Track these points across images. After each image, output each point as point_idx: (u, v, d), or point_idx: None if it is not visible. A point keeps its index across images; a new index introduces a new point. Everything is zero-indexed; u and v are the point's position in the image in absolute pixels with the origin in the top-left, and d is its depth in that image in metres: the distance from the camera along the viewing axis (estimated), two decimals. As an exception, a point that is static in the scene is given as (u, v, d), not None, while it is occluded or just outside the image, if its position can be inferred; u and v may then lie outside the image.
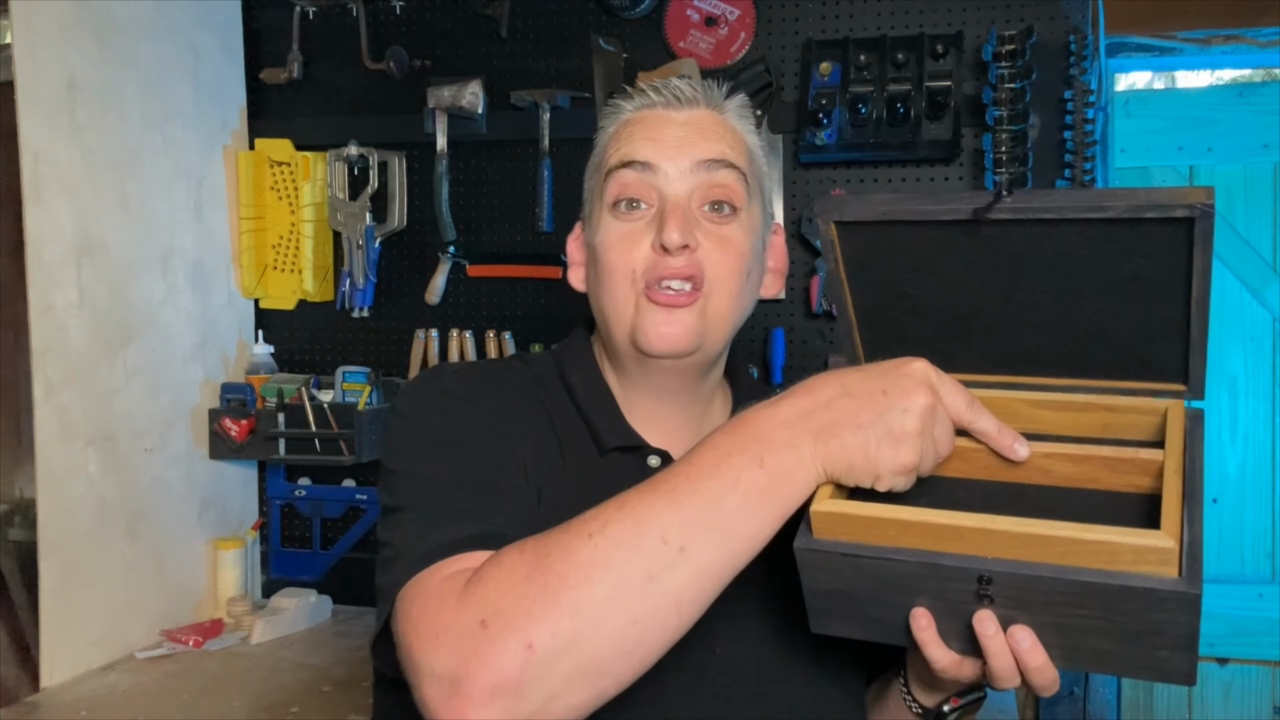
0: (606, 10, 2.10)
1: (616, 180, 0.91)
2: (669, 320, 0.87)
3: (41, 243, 1.72)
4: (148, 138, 1.96)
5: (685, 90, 0.93)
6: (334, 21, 2.23)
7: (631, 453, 0.93)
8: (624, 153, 0.91)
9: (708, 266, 0.89)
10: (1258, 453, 2.13)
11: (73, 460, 1.77)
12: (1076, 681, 2.00)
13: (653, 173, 0.90)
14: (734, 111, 0.95)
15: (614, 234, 0.91)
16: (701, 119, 0.92)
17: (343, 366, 2.15)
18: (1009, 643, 0.69)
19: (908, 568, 0.71)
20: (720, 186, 0.90)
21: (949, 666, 0.73)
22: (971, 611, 0.71)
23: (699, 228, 0.89)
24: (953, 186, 1.97)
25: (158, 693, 1.71)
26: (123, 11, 1.88)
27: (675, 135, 0.91)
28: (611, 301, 0.91)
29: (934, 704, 0.88)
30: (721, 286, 0.89)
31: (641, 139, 0.91)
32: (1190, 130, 2.13)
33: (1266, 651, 2.10)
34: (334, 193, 2.19)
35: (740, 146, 0.93)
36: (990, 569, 0.69)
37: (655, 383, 0.93)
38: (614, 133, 0.95)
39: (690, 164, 0.90)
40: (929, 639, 0.72)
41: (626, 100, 0.96)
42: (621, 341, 0.91)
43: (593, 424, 0.93)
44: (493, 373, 0.96)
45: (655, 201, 0.90)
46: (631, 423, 0.94)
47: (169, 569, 2.00)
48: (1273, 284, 2.11)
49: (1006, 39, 1.88)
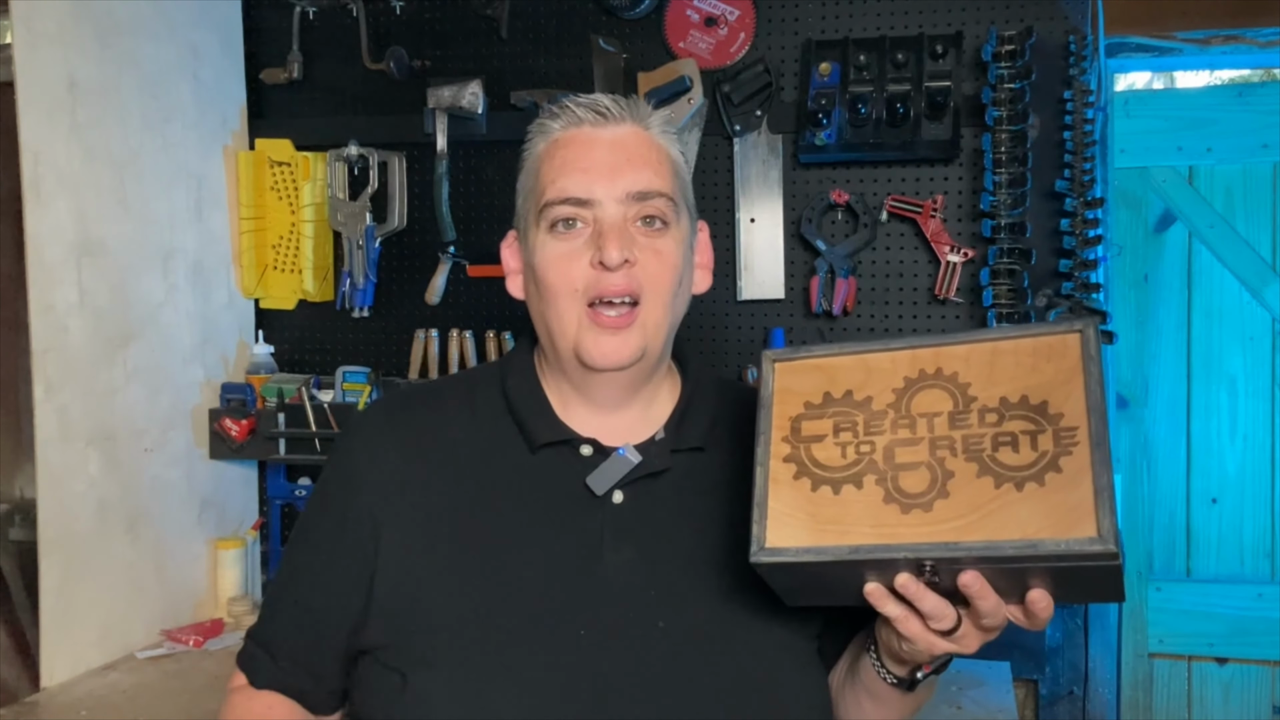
0: (606, 10, 2.10)
1: (552, 214, 0.96)
2: (610, 341, 0.93)
3: (41, 243, 1.72)
4: (148, 138, 1.96)
5: (610, 107, 0.97)
6: (334, 21, 2.23)
7: (563, 446, 0.98)
8: (559, 188, 0.95)
9: (645, 280, 0.94)
10: (1258, 453, 2.13)
11: (73, 460, 1.77)
12: (1076, 681, 2.01)
13: (587, 206, 0.95)
14: (658, 126, 0.99)
15: (552, 253, 0.95)
16: (627, 138, 0.96)
17: (343, 366, 2.15)
18: (964, 593, 0.79)
19: (853, 567, 0.80)
20: (652, 208, 0.95)
21: (899, 616, 0.83)
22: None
23: (634, 243, 0.94)
24: (953, 186, 1.97)
25: (158, 693, 1.71)
26: (123, 11, 1.88)
27: (604, 160, 0.95)
28: (556, 318, 0.96)
29: (906, 673, 0.94)
30: (658, 298, 0.95)
31: (574, 171, 0.95)
32: (1190, 130, 2.13)
33: (1266, 651, 2.10)
34: (334, 193, 2.19)
35: (665, 166, 0.97)
36: (926, 555, 0.77)
37: (598, 391, 0.99)
38: (544, 154, 0.98)
39: (622, 194, 0.94)
40: (880, 600, 0.83)
41: (552, 119, 0.99)
42: (565, 354, 0.96)
43: (524, 425, 0.99)
44: (409, 418, 1.03)
45: (590, 221, 0.95)
46: (572, 418, 1.00)
47: (169, 569, 2.00)
48: (1273, 284, 2.11)
49: (1006, 39, 1.88)
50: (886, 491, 0.81)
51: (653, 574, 0.94)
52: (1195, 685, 2.16)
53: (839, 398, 0.88)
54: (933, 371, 0.85)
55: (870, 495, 0.82)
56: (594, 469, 0.96)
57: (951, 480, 0.80)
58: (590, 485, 0.95)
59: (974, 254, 1.94)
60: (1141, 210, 2.17)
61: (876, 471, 0.83)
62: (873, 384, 0.87)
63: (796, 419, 0.88)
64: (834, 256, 1.99)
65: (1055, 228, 1.88)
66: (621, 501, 0.96)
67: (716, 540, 0.96)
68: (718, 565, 0.95)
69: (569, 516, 0.95)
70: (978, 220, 1.93)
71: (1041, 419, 0.80)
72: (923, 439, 0.83)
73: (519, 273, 1.05)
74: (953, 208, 1.98)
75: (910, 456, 0.82)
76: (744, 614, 0.94)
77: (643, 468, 0.96)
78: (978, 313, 1.94)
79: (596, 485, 0.95)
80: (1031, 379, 0.82)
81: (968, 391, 0.83)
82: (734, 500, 0.86)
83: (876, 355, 0.88)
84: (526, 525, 0.95)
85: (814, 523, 0.82)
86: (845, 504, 0.82)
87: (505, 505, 0.96)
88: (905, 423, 0.84)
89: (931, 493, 0.80)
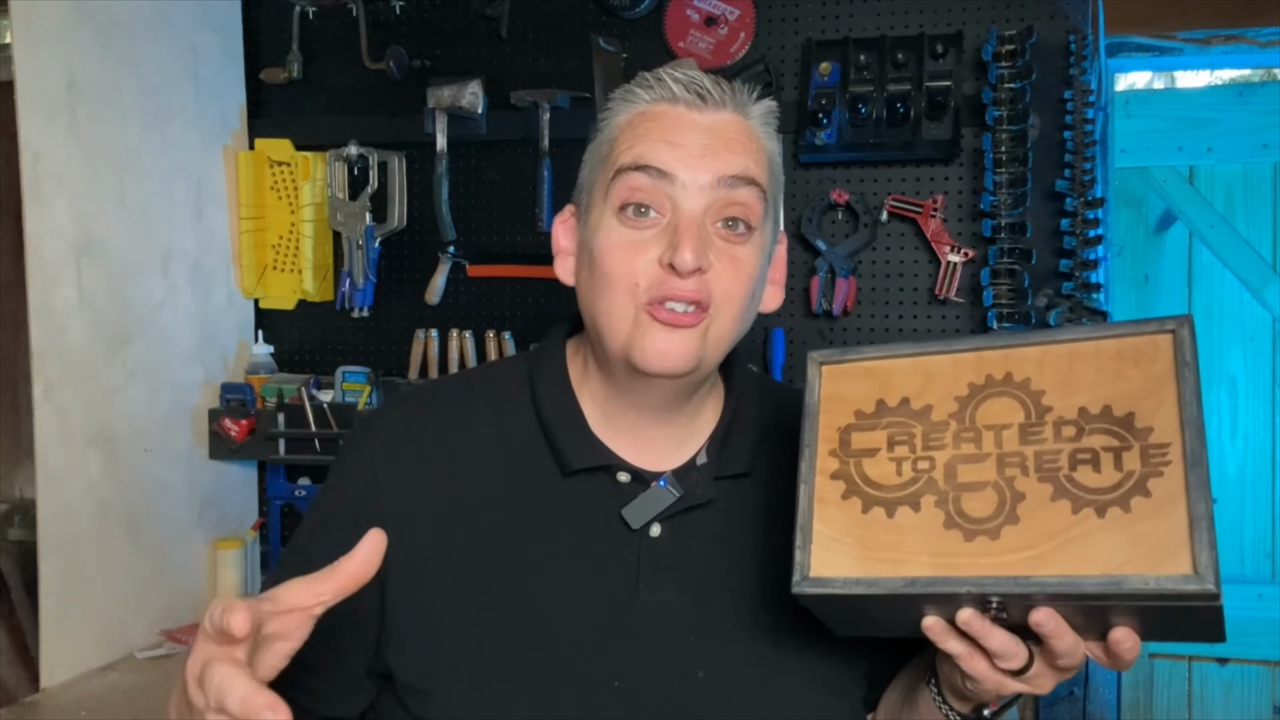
0: (606, 10, 2.10)
1: (627, 182, 0.83)
2: (669, 340, 0.82)
3: (41, 243, 1.72)
4: (148, 137, 1.95)
5: (711, 89, 0.85)
6: (334, 21, 2.23)
7: (600, 472, 0.89)
8: (638, 153, 0.83)
9: (716, 289, 0.83)
10: (1258, 453, 2.14)
11: (73, 460, 1.77)
12: (1077, 682, 2.00)
13: (669, 182, 0.82)
14: (759, 118, 0.88)
15: (617, 239, 0.84)
16: (726, 124, 0.85)
17: (343, 366, 2.15)
18: (1036, 632, 0.70)
19: (910, 600, 0.72)
20: (739, 205, 0.84)
21: (963, 654, 0.74)
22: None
23: (711, 247, 0.83)
24: (953, 186, 1.97)
25: (158, 693, 1.71)
26: (123, 11, 1.88)
27: (698, 142, 0.83)
28: (607, 312, 0.84)
29: (971, 710, 0.85)
30: (728, 309, 0.84)
31: (660, 141, 0.83)
32: (1190, 130, 2.13)
33: (1266, 651, 2.10)
34: (334, 193, 2.19)
35: (763, 159, 0.87)
36: (992, 590, 0.69)
37: (642, 398, 0.89)
38: (627, 124, 0.86)
39: (712, 178, 0.83)
40: (941, 636, 0.74)
41: (643, 88, 0.86)
42: (614, 354, 0.85)
43: (556, 445, 0.89)
44: (430, 423, 0.91)
45: (667, 211, 0.83)
46: (608, 433, 0.90)
47: (169, 569, 2.00)
48: (1273, 284, 2.12)
49: (1006, 39, 1.88)
50: (948, 515, 0.73)
51: (693, 616, 0.86)
52: (1195, 685, 2.16)
53: (894, 406, 0.78)
54: (1001, 377, 0.75)
55: (929, 519, 0.73)
56: (631, 498, 0.87)
57: (1022, 503, 0.71)
58: (626, 518, 0.87)
59: (974, 254, 1.94)
60: (1142, 210, 2.17)
61: (936, 492, 0.74)
62: (933, 391, 0.77)
63: (846, 430, 0.78)
64: (834, 256, 1.99)
65: (1056, 228, 1.88)
66: (659, 535, 0.87)
67: (761, 575, 0.87)
68: (762, 603, 0.87)
69: (602, 550, 0.87)
70: (978, 220, 1.93)
71: (1127, 434, 0.70)
72: (989, 455, 0.73)
73: (570, 254, 0.92)
74: (953, 208, 1.98)
75: (975, 475, 0.73)
76: (790, 658, 0.86)
77: (684, 500, 0.87)
78: (978, 313, 1.93)
79: (633, 519, 0.87)
80: (1115, 387, 0.72)
81: (1041, 400, 0.74)
82: (781, 530, 0.77)
83: (937, 358, 0.78)
84: (555, 557, 0.86)
85: (865, 549, 0.73)
86: (901, 529, 0.73)
87: (533, 533, 0.87)
88: (969, 436, 0.75)
89: (999, 517, 0.71)
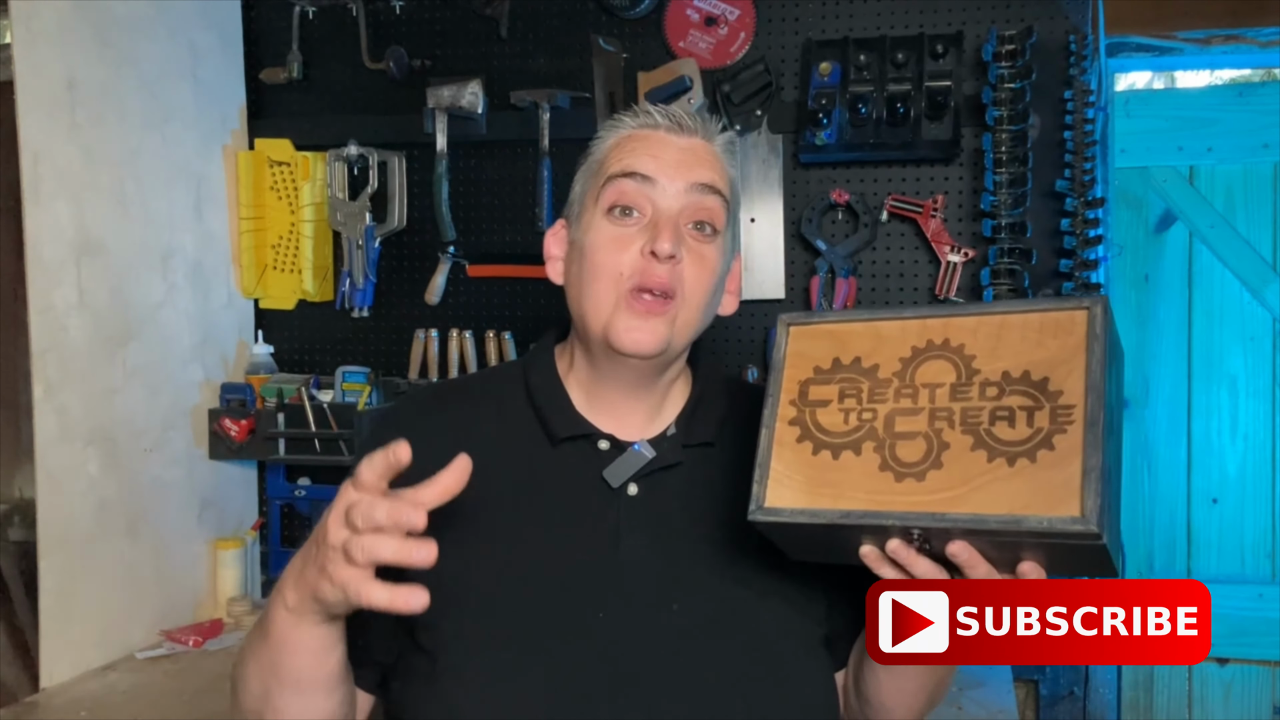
0: (606, 10, 2.10)
1: (615, 187, 1.00)
2: (641, 326, 0.98)
3: (41, 243, 1.72)
4: (148, 137, 1.95)
5: (686, 120, 1.03)
6: (334, 21, 2.23)
7: (582, 440, 1.04)
8: (626, 164, 1.01)
9: (685, 280, 0.99)
10: (1258, 453, 2.13)
11: (73, 460, 1.77)
12: (1077, 682, 2.00)
13: (651, 185, 1.00)
14: (723, 145, 1.06)
15: (605, 236, 1.00)
16: (698, 147, 1.03)
17: (342, 366, 2.15)
18: (953, 560, 0.81)
19: (846, 530, 0.83)
20: (707, 209, 1.01)
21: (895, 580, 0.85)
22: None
23: (684, 243, 0.99)
24: (953, 186, 1.97)
25: (158, 693, 1.71)
26: (123, 11, 1.88)
27: (675, 157, 1.01)
28: (593, 298, 1.00)
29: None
30: (693, 299, 1.00)
31: (644, 155, 1.01)
32: (1190, 130, 2.13)
33: (1266, 651, 2.10)
34: (334, 193, 2.19)
35: (726, 178, 1.04)
36: (914, 523, 0.80)
37: (620, 375, 1.04)
38: (615, 144, 1.04)
39: (686, 184, 1.00)
40: (875, 563, 0.85)
41: (630, 117, 1.05)
42: (595, 335, 1.01)
43: (545, 420, 1.05)
44: (443, 410, 1.08)
45: (648, 212, 1.00)
46: (591, 410, 1.05)
47: (169, 569, 2.00)
48: (1273, 284, 2.11)
49: (1006, 39, 1.88)
50: (883, 459, 0.83)
51: (665, 561, 1.00)
52: (1196, 685, 2.16)
53: (848, 364, 0.89)
54: (940, 342, 0.86)
55: (867, 462, 0.84)
56: (611, 463, 1.02)
57: (946, 452, 0.81)
58: (607, 478, 1.01)
59: (974, 254, 1.94)
60: (1142, 210, 2.17)
61: (875, 439, 0.84)
62: (881, 352, 0.89)
63: (805, 383, 0.90)
64: (834, 256, 1.99)
65: (1056, 228, 1.88)
66: (636, 494, 1.02)
67: (722, 524, 1.01)
68: (725, 551, 1.00)
69: (588, 507, 1.01)
70: (978, 220, 1.93)
71: (1040, 395, 0.80)
72: (923, 409, 0.84)
73: (559, 259, 1.09)
74: (953, 208, 1.98)
75: (909, 426, 0.84)
76: (752, 597, 0.99)
77: (656, 462, 1.02)
78: (978, 313, 1.93)
79: (613, 478, 1.01)
80: (1035, 354, 0.82)
81: (972, 364, 0.84)
82: (741, 492, 0.90)
83: (889, 323, 0.90)
84: (547, 512, 1.01)
85: (811, 486, 0.85)
86: (843, 469, 0.84)
87: (528, 492, 1.02)
88: (908, 392, 0.85)
89: (925, 463, 0.81)
